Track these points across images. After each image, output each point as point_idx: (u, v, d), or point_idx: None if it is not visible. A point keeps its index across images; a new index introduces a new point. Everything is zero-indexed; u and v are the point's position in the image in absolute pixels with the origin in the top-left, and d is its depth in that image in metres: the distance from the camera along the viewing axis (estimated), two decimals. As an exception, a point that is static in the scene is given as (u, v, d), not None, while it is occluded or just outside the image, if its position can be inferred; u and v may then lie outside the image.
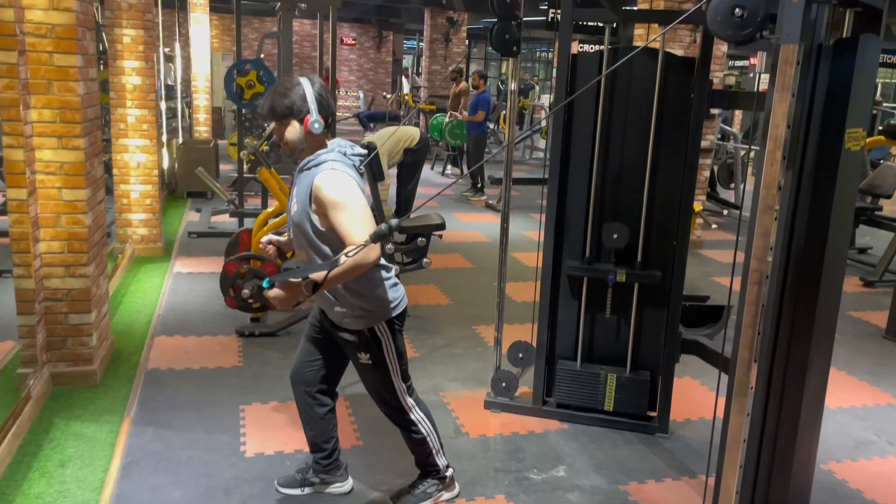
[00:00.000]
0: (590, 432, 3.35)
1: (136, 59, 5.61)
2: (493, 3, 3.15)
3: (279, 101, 2.26)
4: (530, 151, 14.16)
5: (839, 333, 4.75)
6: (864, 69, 2.13)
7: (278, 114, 2.27)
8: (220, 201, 7.91)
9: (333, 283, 2.18)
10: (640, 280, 3.22)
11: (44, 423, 3.18)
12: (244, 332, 4.32)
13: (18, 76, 3.09)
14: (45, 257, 3.40)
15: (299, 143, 2.30)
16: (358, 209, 2.20)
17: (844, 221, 2.29)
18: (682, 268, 3.21)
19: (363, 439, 3.18)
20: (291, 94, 2.26)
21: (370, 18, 20.67)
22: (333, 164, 2.25)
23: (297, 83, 2.28)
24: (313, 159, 2.30)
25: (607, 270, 3.22)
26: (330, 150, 2.30)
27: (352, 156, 2.34)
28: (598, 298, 3.34)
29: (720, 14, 1.90)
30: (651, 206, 3.20)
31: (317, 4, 6.51)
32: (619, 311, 3.34)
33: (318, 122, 2.27)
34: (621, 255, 3.25)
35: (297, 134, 2.29)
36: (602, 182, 3.25)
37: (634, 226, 3.21)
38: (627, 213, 3.23)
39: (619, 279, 3.19)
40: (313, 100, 2.26)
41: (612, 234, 3.19)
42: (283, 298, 2.18)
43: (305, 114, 2.26)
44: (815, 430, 2.49)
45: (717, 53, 6.73)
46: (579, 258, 3.32)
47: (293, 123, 2.28)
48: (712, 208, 8.81)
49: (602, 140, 3.21)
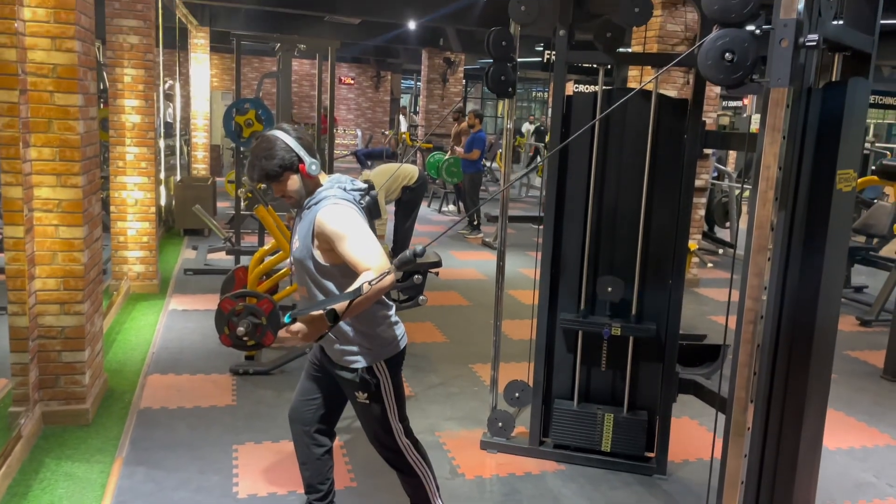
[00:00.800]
0: (587, 473, 3.31)
1: (136, 98, 5.67)
2: (488, 44, 3.20)
3: (269, 164, 2.28)
4: (526, 189, 14.25)
5: (837, 373, 4.74)
6: (854, 112, 2.16)
7: (274, 175, 2.30)
8: (216, 239, 7.92)
9: (354, 312, 2.17)
10: (635, 333, 3.23)
11: (34, 462, 3.13)
12: (238, 371, 4.29)
13: (19, 115, 3.12)
14: (39, 294, 3.39)
15: (301, 189, 2.34)
16: (364, 236, 2.21)
17: (837, 261, 2.30)
18: (677, 313, 3.21)
19: (357, 480, 3.14)
20: (276, 152, 2.27)
21: (368, 58, 20.97)
22: (335, 200, 2.28)
23: (276, 139, 2.30)
24: (314, 197, 2.32)
25: (602, 324, 3.22)
26: (329, 187, 2.33)
27: (351, 191, 2.36)
28: (594, 350, 3.34)
29: (711, 58, 1.93)
30: (646, 249, 3.22)
31: (316, 45, 6.62)
32: (615, 361, 3.33)
33: (314, 164, 2.30)
34: (616, 306, 3.25)
35: (298, 183, 2.33)
36: (597, 225, 3.27)
37: (629, 273, 3.22)
38: (623, 259, 3.23)
39: (613, 332, 3.20)
40: (298, 146, 2.29)
41: (606, 287, 3.20)
42: (306, 332, 2.16)
43: (299, 162, 2.29)
44: (814, 471, 2.47)
45: (710, 94, 6.83)
46: (574, 311, 3.32)
47: (291, 177, 2.31)
48: (708, 247, 8.84)
49: (597, 180, 3.24)
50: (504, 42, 3.20)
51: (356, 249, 2.19)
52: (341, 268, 2.27)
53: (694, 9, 6.28)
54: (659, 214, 3.20)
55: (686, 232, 3.19)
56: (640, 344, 3.28)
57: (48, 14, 3.21)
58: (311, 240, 2.28)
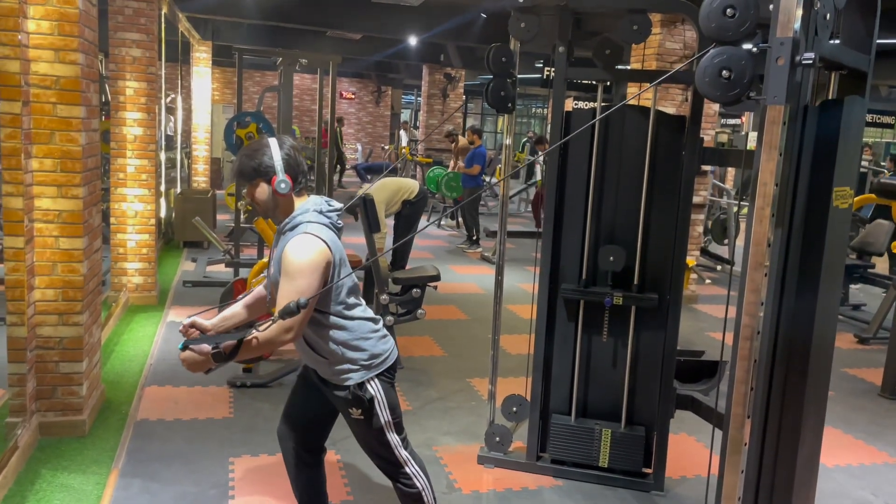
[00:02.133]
0: (584, 489, 3.30)
1: (138, 111, 5.70)
2: (488, 60, 3.23)
3: (246, 163, 2.28)
4: (525, 204, 14.28)
5: (834, 390, 4.73)
6: (850, 130, 2.18)
7: (246, 175, 2.29)
8: (216, 251, 7.93)
9: (244, 356, 2.19)
10: (636, 303, 3.23)
11: (30, 473, 3.12)
12: (236, 383, 4.28)
13: (21, 126, 3.14)
14: (38, 305, 3.40)
15: (269, 202, 2.31)
16: (304, 284, 2.16)
17: (835, 277, 2.31)
18: (675, 325, 3.21)
19: (354, 495, 3.13)
20: (258, 156, 2.27)
21: (369, 73, 21.11)
22: (307, 227, 2.24)
23: (265, 144, 2.30)
24: (289, 222, 2.30)
25: (602, 297, 3.23)
26: (305, 211, 2.29)
27: (328, 213, 2.33)
28: (593, 368, 3.34)
29: (708, 76, 1.96)
30: (643, 264, 3.23)
31: (317, 60, 6.66)
32: (614, 380, 3.33)
33: (284, 182, 2.26)
34: (616, 308, 3.26)
35: (266, 194, 2.30)
36: (595, 239, 3.28)
37: (627, 288, 3.23)
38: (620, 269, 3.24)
39: (615, 301, 3.20)
40: (280, 159, 2.27)
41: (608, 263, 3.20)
42: (193, 362, 2.17)
43: (272, 174, 2.27)
44: (811, 488, 2.46)
45: (708, 112, 6.87)
46: (573, 326, 3.33)
47: (261, 185, 2.29)
48: (706, 263, 8.86)
49: (595, 196, 3.26)
50: (504, 58, 3.23)
51: (287, 290, 2.16)
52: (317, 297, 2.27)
53: (692, 27, 6.34)
54: (657, 230, 3.21)
55: (684, 248, 3.20)
56: (638, 359, 3.29)
57: (52, 26, 3.24)
58: (280, 266, 2.27)
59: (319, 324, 2.31)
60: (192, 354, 2.16)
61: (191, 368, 2.18)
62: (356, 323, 2.36)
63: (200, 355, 2.16)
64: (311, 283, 2.18)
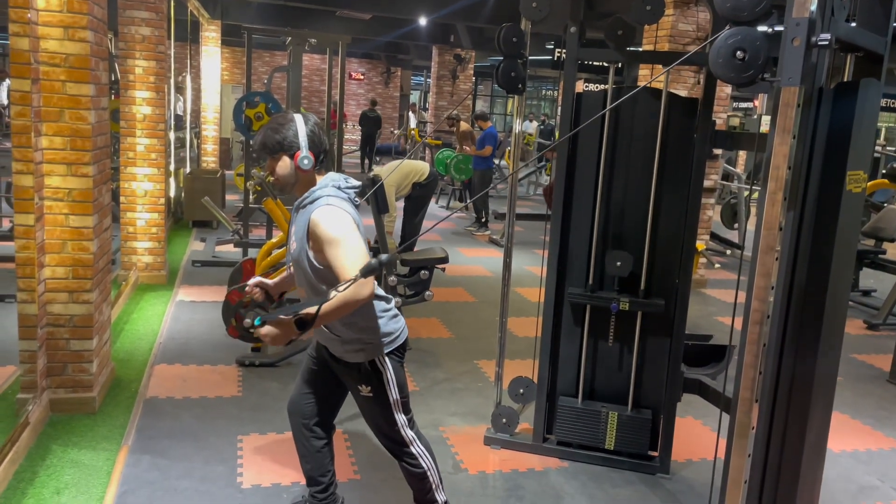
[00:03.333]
0: (590, 471, 3.31)
1: (147, 90, 5.69)
2: (499, 41, 3.20)
3: (270, 137, 2.29)
4: (534, 188, 14.24)
5: (843, 376, 4.72)
6: (865, 113, 2.16)
7: (269, 148, 2.31)
8: (225, 231, 7.95)
9: (324, 321, 2.18)
10: (643, 308, 3.22)
11: (41, 449, 3.16)
12: (244, 362, 4.31)
13: (31, 104, 3.14)
14: (49, 283, 3.42)
15: (289, 178, 2.33)
16: (352, 245, 2.20)
17: (846, 262, 2.30)
18: (684, 309, 3.20)
19: (361, 473, 3.15)
20: (283, 130, 2.29)
21: (379, 54, 20.99)
22: (329, 200, 2.26)
23: (290, 119, 2.31)
24: (308, 196, 2.31)
25: (611, 298, 3.22)
26: (324, 186, 2.32)
27: (346, 189, 2.35)
28: (600, 346, 3.34)
29: (722, 57, 1.93)
30: (653, 248, 3.21)
31: (327, 40, 6.63)
32: (621, 360, 3.33)
33: (307, 159, 2.28)
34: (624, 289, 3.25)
35: (288, 169, 2.32)
36: (605, 222, 3.26)
37: (636, 272, 3.22)
38: (631, 249, 3.23)
39: (622, 308, 3.19)
40: (304, 136, 2.29)
41: (615, 262, 3.20)
42: (275, 336, 2.17)
43: (296, 150, 2.29)
44: (818, 472, 2.46)
45: (720, 95, 6.81)
46: (582, 286, 3.33)
47: (283, 159, 2.31)
48: (716, 248, 8.82)
49: (605, 179, 3.24)
50: (515, 38, 3.20)
51: (340, 258, 2.18)
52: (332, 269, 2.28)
53: (706, 8, 6.25)
54: (667, 213, 3.20)
55: (694, 231, 3.18)
56: (646, 343, 3.28)
57: (61, 4, 3.22)
58: (307, 240, 2.27)
59: None
60: (271, 329, 2.16)
61: (274, 342, 2.18)
62: (368, 301, 2.37)
63: (281, 327, 2.16)
64: (358, 241, 2.22)
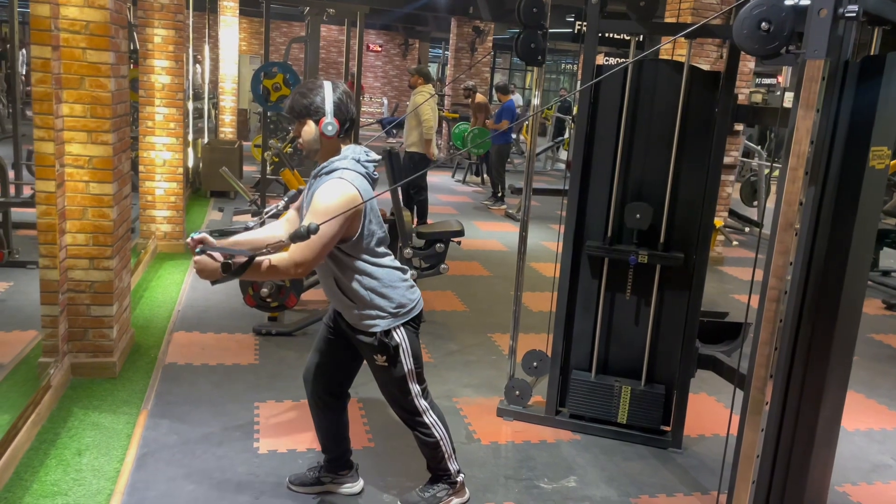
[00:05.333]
0: (602, 444, 3.33)
1: (165, 59, 5.70)
2: (519, 11, 3.17)
3: (298, 101, 2.31)
4: (552, 162, 14.15)
5: (859, 355, 4.69)
6: (891, 88, 2.12)
7: (296, 112, 2.32)
8: (242, 201, 7.99)
9: (252, 276, 2.20)
10: (661, 261, 3.21)
11: (63, 412, 3.23)
12: (261, 331, 4.36)
13: (52, 71, 3.16)
14: (70, 249, 3.46)
15: (314, 143, 2.34)
16: (326, 231, 2.16)
17: (866, 239, 2.27)
18: (700, 285, 3.19)
19: (375, 441, 3.20)
20: (311, 95, 2.30)
21: (397, 26, 20.81)
22: (343, 173, 2.27)
23: (320, 85, 2.32)
24: (327, 166, 2.32)
25: (629, 251, 3.21)
26: (343, 157, 2.32)
27: (366, 162, 2.35)
28: (616, 323, 3.33)
29: (746, 28, 1.90)
30: (671, 223, 3.19)
31: (345, 10, 6.58)
32: (636, 332, 3.32)
33: (331, 125, 2.29)
34: (640, 269, 3.24)
35: (312, 134, 2.33)
36: (622, 197, 3.24)
37: (653, 243, 3.20)
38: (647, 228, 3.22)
39: (640, 259, 3.18)
40: (331, 102, 2.29)
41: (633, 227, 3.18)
42: (203, 267, 2.16)
43: (321, 115, 2.30)
44: (831, 449, 2.47)
45: (743, 69, 6.70)
46: (599, 255, 3.32)
47: (309, 123, 2.32)
48: (734, 225, 8.74)
49: (624, 154, 3.21)
50: (535, 9, 3.16)
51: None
52: (347, 242, 2.29)
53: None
54: (686, 189, 3.17)
55: (712, 207, 3.16)
56: (661, 318, 3.28)
57: (81, -30, 3.22)
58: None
59: (349, 268, 2.34)
60: (205, 259, 2.17)
61: (201, 273, 2.18)
62: (385, 271, 2.39)
63: (210, 264, 2.17)
64: (332, 224, 2.19)
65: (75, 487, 2.69)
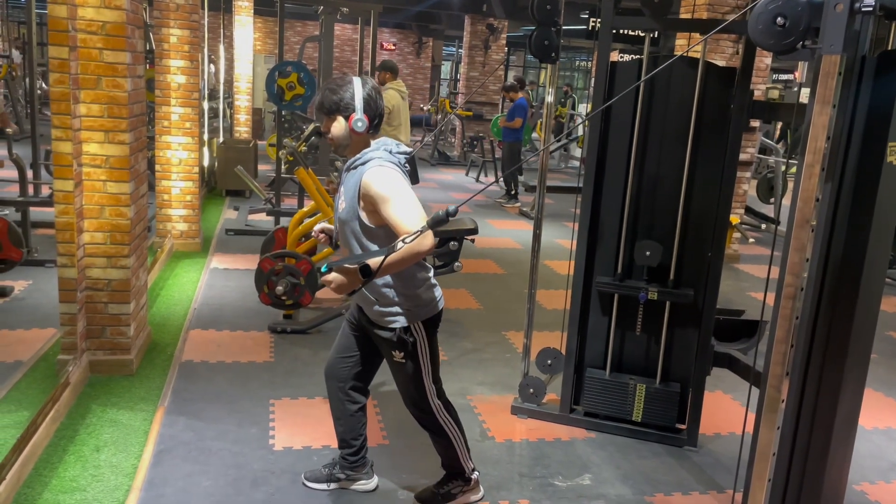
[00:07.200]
0: (617, 442, 3.32)
1: (181, 59, 5.74)
2: (533, 8, 3.16)
3: (328, 97, 2.33)
4: (566, 160, 14.11)
5: (877, 354, 4.65)
6: (909, 83, 2.09)
7: (326, 108, 2.35)
8: (257, 200, 8.04)
9: (389, 271, 2.24)
10: (671, 298, 3.20)
11: (81, 408, 3.26)
12: (276, 329, 4.38)
13: (69, 71, 3.19)
14: (88, 247, 3.50)
15: (343, 139, 2.36)
16: (407, 200, 2.24)
17: (884, 236, 2.25)
18: (716, 283, 3.17)
19: (390, 439, 3.21)
20: (340, 91, 2.32)
21: (411, 24, 20.81)
22: (380, 162, 2.30)
23: (349, 81, 2.34)
24: (360, 158, 2.35)
25: (638, 288, 3.20)
26: (376, 149, 2.35)
27: (397, 153, 2.38)
28: (629, 315, 3.32)
29: (762, 23, 1.89)
30: (686, 220, 3.18)
31: (359, 9, 6.60)
32: (650, 328, 3.31)
33: (361, 121, 2.32)
34: (654, 272, 3.23)
35: (342, 130, 2.35)
36: (637, 193, 3.23)
37: (668, 241, 3.19)
38: (662, 228, 3.20)
39: (650, 297, 3.17)
40: (361, 99, 2.31)
41: (644, 251, 3.17)
42: (340, 283, 2.24)
43: (351, 111, 2.32)
44: (848, 448, 2.44)
45: (760, 66, 6.64)
46: (611, 274, 3.31)
47: (339, 119, 2.34)
48: (750, 222, 8.68)
49: (638, 150, 3.20)
50: (549, 6, 3.16)
51: (399, 212, 2.22)
52: (386, 229, 2.30)
53: (747, -24, 6.08)
54: (701, 186, 3.15)
55: (728, 204, 3.14)
56: (675, 313, 3.26)
57: (98, -28, 3.25)
58: (357, 201, 2.31)
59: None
60: (337, 275, 2.22)
61: (338, 290, 2.24)
62: (408, 268, 2.40)
63: (347, 275, 2.22)
64: (412, 196, 2.25)
65: (93, 483, 2.72)
